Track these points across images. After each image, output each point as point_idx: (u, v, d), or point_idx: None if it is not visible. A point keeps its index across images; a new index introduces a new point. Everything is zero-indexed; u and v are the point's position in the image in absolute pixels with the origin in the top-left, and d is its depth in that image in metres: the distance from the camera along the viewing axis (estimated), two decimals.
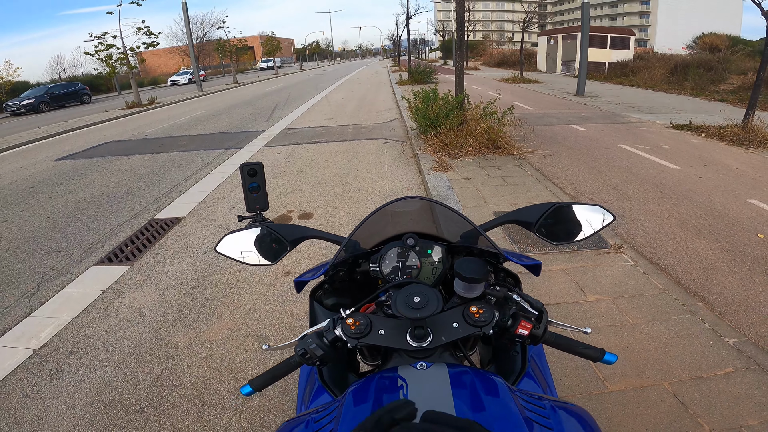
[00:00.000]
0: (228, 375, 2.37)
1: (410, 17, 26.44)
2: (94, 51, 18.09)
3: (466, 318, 0.79)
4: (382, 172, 6.01)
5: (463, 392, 0.68)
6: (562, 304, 2.76)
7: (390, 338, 0.78)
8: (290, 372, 0.82)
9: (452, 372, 0.73)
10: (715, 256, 3.38)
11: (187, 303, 3.09)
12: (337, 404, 0.73)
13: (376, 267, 1.04)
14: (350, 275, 1.12)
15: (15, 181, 7.06)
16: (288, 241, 1.12)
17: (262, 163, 1.21)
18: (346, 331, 0.78)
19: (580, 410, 0.74)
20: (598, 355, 0.82)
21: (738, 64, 18.93)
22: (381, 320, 0.81)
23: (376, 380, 0.74)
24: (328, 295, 1.11)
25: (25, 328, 2.95)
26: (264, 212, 1.22)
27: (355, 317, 0.80)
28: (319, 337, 0.80)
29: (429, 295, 0.77)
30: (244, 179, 1.19)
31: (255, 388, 0.81)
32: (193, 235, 4.24)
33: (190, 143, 8.95)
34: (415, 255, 1.04)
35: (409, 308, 0.75)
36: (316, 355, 0.79)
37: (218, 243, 1.11)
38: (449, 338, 0.78)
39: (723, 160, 6.07)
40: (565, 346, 0.84)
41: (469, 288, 0.84)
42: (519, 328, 0.80)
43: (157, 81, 42.76)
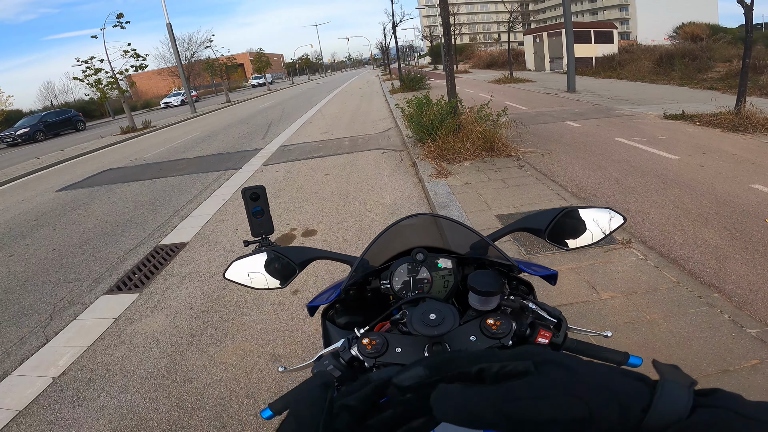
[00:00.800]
0: (245, 396, 2.37)
1: (396, 25, 26.72)
2: (83, 76, 18.19)
3: (483, 331, 0.78)
4: (382, 183, 6.02)
5: None
6: (575, 303, 2.76)
7: (407, 356, 0.77)
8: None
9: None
10: (725, 244, 3.38)
11: (199, 326, 3.08)
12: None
13: (386, 284, 1.03)
14: (361, 293, 1.11)
15: (18, 214, 7.07)
16: (296, 264, 1.12)
17: (264, 187, 1.21)
18: (363, 351, 0.78)
19: None
20: (622, 359, 0.80)
21: (722, 52, 19.10)
22: (397, 338, 0.80)
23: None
24: (340, 314, 1.10)
25: (43, 357, 2.98)
26: (269, 236, 1.22)
27: (371, 337, 0.79)
28: (335, 358, 0.80)
29: (444, 311, 0.76)
30: (246, 204, 1.19)
31: (275, 412, 0.81)
32: (199, 259, 4.24)
33: (188, 166, 8.97)
34: (426, 269, 1.03)
35: (426, 326, 0.74)
36: (333, 377, 0.78)
37: (226, 270, 1.11)
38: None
39: (721, 147, 6.10)
40: (588, 352, 0.82)
41: (485, 301, 0.83)
42: (538, 338, 0.79)
43: (149, 104, 42.95)
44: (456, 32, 35.94)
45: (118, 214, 6.17)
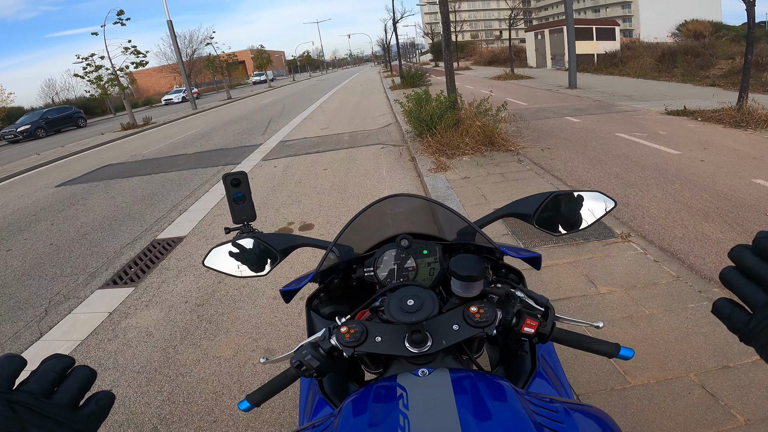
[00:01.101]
0: (238, 390, 2.34)
1: (397, 21, 26.60)
2: (84, 73, 18.17)
3: (467, 319, 0.75)
4: (381, 178, 5.99)
5: (467, 398, 0.64)
6: (573, 298, 2.72)
7: (387, 345, 0.75)
8: (288, 385, 0.79)
9: (455, 377, 0.68)
10: (726, 238, 3.34)
11: (193, 320, 3.06)
12: (333, 417, 0.69)
13: (370, 271, 1.00)
14: (346, 282, 1.08)
15: (17, 209, 7.05)
16: (278, 251, 1.08)
17: (246, 173, 1.18)
18: (341, 340, 0.75)
19: (597, 411, 0.69)
20: (612, 351, 0.77)
21: (724, 49, 18.97)
22: (377, 326, 0.77)
23: (374, 389, 0.70)
24: (324, 303, 1.07)
25: (36, 351, 2.96)
26: (251, 222, 1.18)
27: (350, 325, 0.76)
28: (314, 348, 0.77)
29: (424, 297, 0.72)
30: (228, 190, 1.15)
31: (253, 403, 0.78)
32: (196, 253, 4.22)
33: (187, 162, 8.95)
34: (411, 256, 1.00)
35: (403, 312, 0.70)
36: (312, 367, 0.75)
37: (205, 257, 1.07)
38: (450, 341, 0.74)
39: (723, 143, 6.05)
40: (577, 343, 0.79)
41: (467, 287, 0.80)
42: (524, 327, 0.76)
43: (150, 101, 42.97)
44: (457, 29, 35.81)
45: (117, 208, 6.15)
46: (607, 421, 0.66)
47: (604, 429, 0.65)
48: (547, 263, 3.15)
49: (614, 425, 0.66)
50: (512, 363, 0.94)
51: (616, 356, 0.77)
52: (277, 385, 0.78)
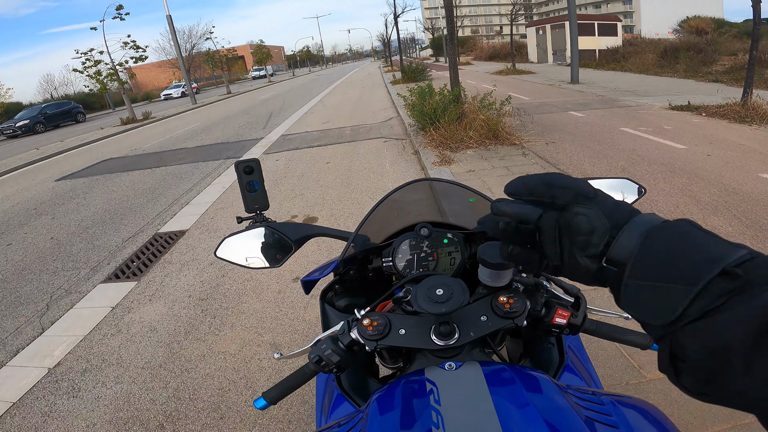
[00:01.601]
0: (244, 386, 2.31)
1: (398, 16, 26.47)
2: (83, 68, 18.07)
3: (495, 309, 0.72)
4: (384, 171, 5.94)
5: (503, 391, 0.60)
6: (585, 290, 2.68)
7: (412, 338, 0.71)
8: (306, 381, 0.76)
9: (487, 370, 0.64)
10: (735, 232, 3.31)
11: (198, 315, 3.02)
12: (361, 415, 0.66)
13: (389, 261, 0.95)
14: (361, 273, 1.03)
15: (17, 203, 7.01)
16: (292, 241, 1.03)
17: (258, 160, 1.13)
18: (364, 333, 0.71)
19: (646, 404, 0.66)
20: (646, 342, 0.75)
21: (727, 46, 18.93)
22: (401, 318, 0.74)
23: (402, 385, 0.66)
24: (339, 296, 1.03)
25: (38, 347, 2.93)
26: (264, 211, 1.14)
27: (372, 317, 0.72)
28: (333, 342, 0.73)
29: (453, 286, 0.68)
30: (240, 177, 1.10)
31: (269, 401, 0.75)
32: (198, 246, 4.18)
33: (188, 156, 8.90)
34: (431, 245, 0.96)
35: (432, 302, 0.66)
36: (332, 362, 0.72)
37: (217, 247, 1.03)
38: (478, 333, 0.70)
39: (728, 138, 6.01)
40: (609, 335, 0.77)
41: (497, 275, 0.75)
42: (556, 317, 0.72)
43: (150, 96, 42.80)
44: (458, 24, 35.68)
45: (117, 202, 6.10)
46: (657, 414, 0.63)
47: (655, 421, 0.61)
48: None
49: (664, 417, 0.63)
50: (538, 355, 0.90)
51: (649, 347, 0.75)
52: (295, 381, 0.75)
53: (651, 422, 0.61)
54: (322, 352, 0.72)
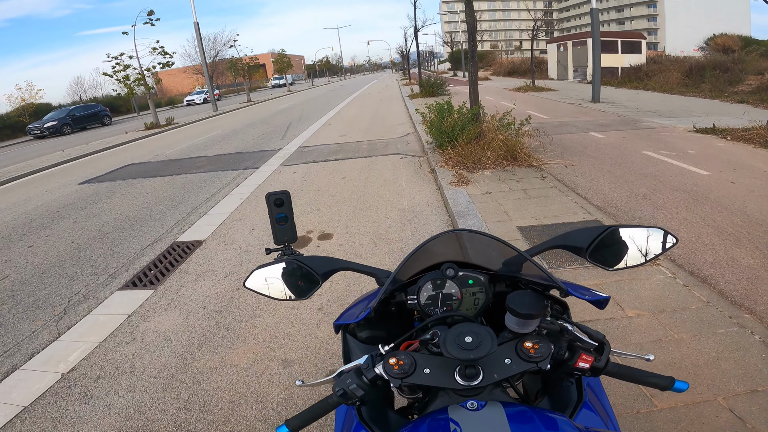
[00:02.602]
0: (254, 400, 2.32)
1: (418, 30, 26.63)
2: (112, 72, 18.59)
3: (520, 354, 0.74)
4: (400, 189, 5.95)
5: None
6: (598, 320, 2.64)
7: (436, 378, 0.74)
8: (328, 412, 0.78)
9: (509, 412, 0.67)
10: (757, 264, 3.22)
11: (211, 327, 3.05)
12: None
13: (414, 299, 0.98)
14: (385, 306, 1.05)
15: (40, 205, 7.20)
16: (319, 275, 1.06)
17: (289, 192, 1.16)
18: (389, 371, 0.74)
19: None
20: (667, 384, 0.75)
21: (754, 65, 18.60)
22: (425, 358, 0.76)
23: (427, 424, 0.69)
24: (362, 327, 1.05)
25: (53, 352, 2.98)
26: (292, 244, 1.16)
27: (398, 356, 0.75)
28: (358, 376, 0.76)
29: (482, 334, 0.71)
30: (270, 210, 1.14)
31: (292, 429, 0.77)
32: (215, 258, 4.23)
33: (208, 164, 9.05)
34: (455, 285, 0.97)
35: (461, 349, 0.69)
36: (356, 396, 0.75)
37: (247, 278, 1.06)
38: (502, 376, 0.73)
39: (753, 164, 5.88)
40: (630, 377, 0.77)
41: (524, 324, 0.78)
42: (579, 362, 0.74)
43: (173, 101, 43.75)
44: (478, 39, 35.85)
45: (138, 208, 6.23)
46: None
47: None
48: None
49: None
50: (557, 393, 0.91)
51: (670, 389, 0.75)
52: (318, 412, 0.78)
53: None
54: (347, 386, 0.75)
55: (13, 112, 28.74)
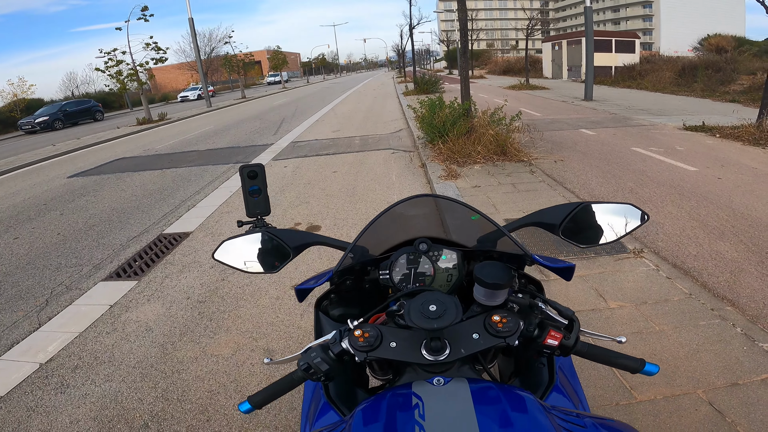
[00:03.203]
0: (234, 390, 2.31)
1: (413, 28, 26.62)
2: (105, 67, 18.45)
3: (488, 328, 0.72)
4: (390, 183, 5.94)
5: (489, 410, 0.60)
6: (581, 311, 2.65)
7: (402, 351, 0.71)
8: (293, 388, 0.76)
9: (474, 388, 0.65)
10: (741, 257, 3.24)
11: (194, 317, 3.03)
12: (344, 425, 0.66)
13: (386, 275, 0.97)
14: (358, 284, 1.04)
15: (28, 198, 7.13)
16: (291, 248, 1.03)
17: (263, 165, 1.14)
18: (354, 344, 0.72)
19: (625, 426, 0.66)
20: (638, 366, 0.74)
21: (746, 65, 18.74)
22: (392, 331, 0.74)
23: (388, 398, 0.67)
24: (334, 305, 1.04)
25: (33, 342, 2.95)
26: (266, 217, 1.14)
27: (364, 328, 0.73)
28: (324, 351, 0.74)
29: (447, 303, 0.69)
30: (243, 182, 1.12)
31: (254, 405, 0.75)
32: (201, 249, 4.20)
33: (198, 158, 9.00)
34: (429, 261, 0.96)
35: (425, 318, 0.67)
36: (320, 370, 0.73)
37: (216, 250, 1.03)
38: (469, 351, 0.70)
39: (740, 160, 5.92)
40: (601, 357, 0.76)
41: (491, 295, 0.77)
42: (548, 339, 0.73)
43: (167, 97, 43.48)
44: (473, 37, 35.82)
45: (126, 201, 6.18)
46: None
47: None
48: (555, 275, 3.07)
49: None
50: (528, 375, 0.90)
51: (640, 371, 0.75)
52: (281, 387, 0.76)
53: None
54: (311, 360, 0.73)
55: (4, 107, 28.42)
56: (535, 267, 0.98)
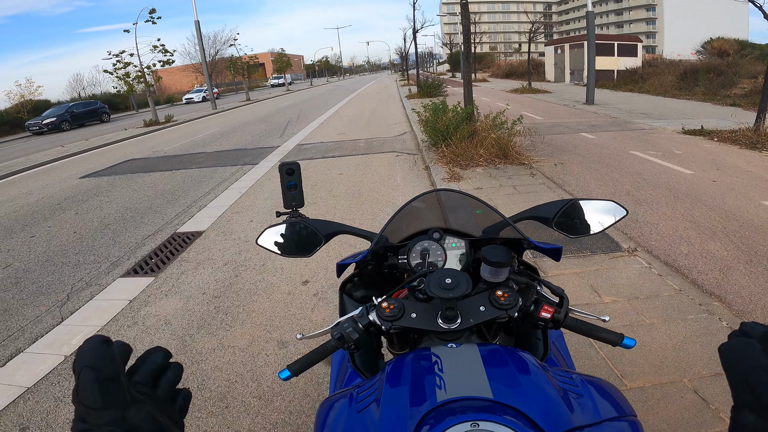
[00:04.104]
0: (250, 379, 2.45)
1: (417, 31, 26.76)
2: (113, 69, 18.67)
3: (492, 302, 0.85)
4: (395, 185, 6.11)
5: (495, 363, 0.74)
6: (576, 305, 2.79)
7: (422, 321, 0.84)
8: (326, 357, 0.89)
9: (483, 349, 0.78)
10: (730, 256, 3.39)
11: (210, 311, 3.19)
12: (377, 378, 0.79)
13: (404, 259, 1.11)
14: (378, 269, 1.19)
15: (41, 198, 7.32)
16: (323, 235, 1.20)
17: (299, 163, 1.30)
18: (381, 314, 0.85)
19: (606, 383, 0.79)
20: (617, 340, 0.85)
21: (748, 68, 18.78)
22: (413, 304, 0.87)
23: (413, 356, 0.80)
24: (357, 287, 1.19)
25: (57, 336, 3.08)
26: (300, 209, 1.31)
27: (389, 302, 0.86)
28: (354, 323, 0.87)
29: (459, 277, 0.82)
30: (282, 177, 1.28)
31: (293, 372, 0.88)
32: (214, 247, 4.37)
33: (207, 160, 9.18)
34: (441, 248, 1.12)
35: (442, 289, 0.80)
36: (351, 339, 0.85)
37: (259, 236, 1.20)
38: (477, 320, 0.84)
39: (736, 164, 6.06)
40: (586, 331, 0.88)
41: (495, 272, 0.91)
42: (542, 312, 0.86)
43: (172, 99, 43.73)
44: (476, 41, 35.96)
45: (139, 201, 6.36)
46: (614, 392, 0.77)
47: (612, 397, 0.75)
48: (553, 273, 3.23)
49: (622, 397, 0.77)
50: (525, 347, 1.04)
51: (620, 344, 0.85)
52: (316, 356, 0.88)
53: (610, 394, 0.76)
54: (344, 330, 0.86)
55: (11, 108, 28.68)
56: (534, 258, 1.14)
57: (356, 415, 0.72)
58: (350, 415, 0.74)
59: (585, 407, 0.69)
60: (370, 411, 0.70)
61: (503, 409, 0.63)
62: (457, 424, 0.59)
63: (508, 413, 0.62)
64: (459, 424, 0.59)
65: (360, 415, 0.72)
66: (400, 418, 0.65)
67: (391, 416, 0.66)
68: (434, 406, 0.65)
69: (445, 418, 0.61)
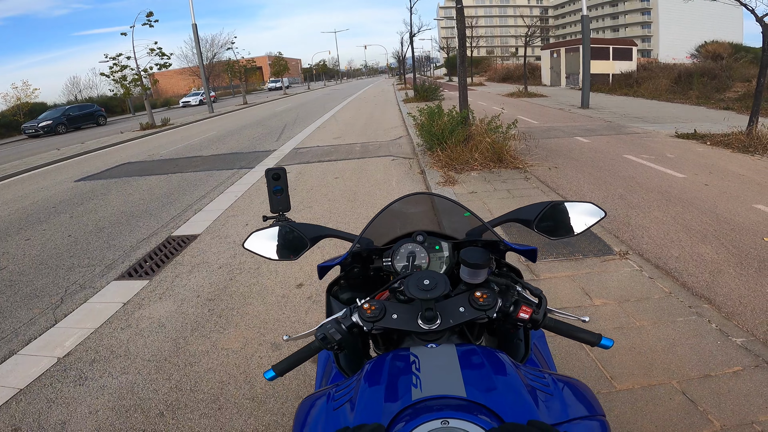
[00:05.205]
0: (243, 380, 2.46)
1: (414, 35, 26.86)
2: (110, 72, 18.65)
3: (472, 302, 0.87)
4: (390, 188, 6.13)
5: (470, 363, 0.76)
6: (567, 308, 2.83)
7: (402, 321, 0.86)
8: (310, 356, 0.91)
9: (460, 349, 0.81)
10: (720, 259, 3.42)
11: (204, 314, 3.20)
12: (355, 378, 0.81)
13: (388, 262, 1.13)
14: (364, 271, 1.21)
15: (37, 201, 7.31)
16: (308, 239, 1.22)
17: (285, 169, 1.33)
18: (363, 315, 0.87)
19: (579, 383, 0.81)
20: (595, 340, 0.87)
21: (741, 72, 18.92)
22: (394, 305, 0.89)
23: (391, 356, 0.82)
24: (343, 290, 1.21)
25: (50, 338, 3.09)
26: (286, 213, 1.33)
27: (371, 303, 0.88)
28: (337, 324, 0.89)
29: (437, 278, 0.85)
30: (269, 182, 1.30)
31: (278, 373, 0.90)
32: (209, 251, 4.38)
33: (203, 164, 9.19)
34: (424, 251, 1.14)
35: (420, 290, 0.82)
36: (334, 339, 0.87)
37: (245, 240, 1.22)
38: (456, 321, 0.86)
39: (728, 167, 6.11)
40: (565, 331, 0.90)
41: (474, 274, 0.93)
42: (520, 313, 0.88)
43: (169, 102, 43.64)
44: (473, 45, 36.12)
45: (134, 205, 6.36)
46: (586, 392, 0.79)
47: (583, 397, 0.77)
48: (546, 275, 3.26)
49: (592, 395, 0.79)
50: (507, 348, 1.07)
51: (597, 344, 0.87)
52: (301, 356, 0.90)
53: (582, 394, 0.78)
54: (327, 331, 0.88)
55: (8, 110, 28.56)
56: (524, 261, 1.17)
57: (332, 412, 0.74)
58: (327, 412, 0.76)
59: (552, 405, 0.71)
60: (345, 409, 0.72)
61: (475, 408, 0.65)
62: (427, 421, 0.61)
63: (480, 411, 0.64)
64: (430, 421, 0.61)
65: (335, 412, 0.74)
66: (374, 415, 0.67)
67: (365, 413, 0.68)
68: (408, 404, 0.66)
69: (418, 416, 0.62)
